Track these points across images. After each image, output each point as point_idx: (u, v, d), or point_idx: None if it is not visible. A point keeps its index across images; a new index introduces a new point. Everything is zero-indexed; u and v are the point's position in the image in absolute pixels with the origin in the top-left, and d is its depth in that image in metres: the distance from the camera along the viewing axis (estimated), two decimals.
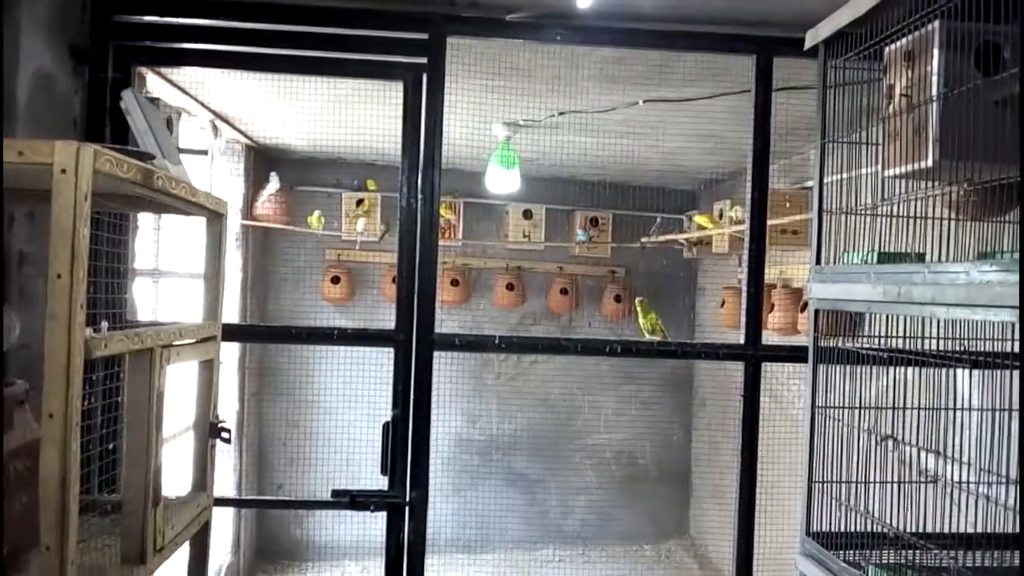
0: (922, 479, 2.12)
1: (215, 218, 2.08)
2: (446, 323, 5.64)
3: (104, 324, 1.43)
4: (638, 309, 3.44)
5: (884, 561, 2.03)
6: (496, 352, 5.63)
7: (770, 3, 2.63)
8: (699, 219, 5.24)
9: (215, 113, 4.48)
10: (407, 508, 2.84)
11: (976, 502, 1.91)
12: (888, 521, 2.06)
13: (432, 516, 2.91)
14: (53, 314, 1.24)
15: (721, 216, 5.02)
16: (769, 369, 3.03)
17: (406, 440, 2.85)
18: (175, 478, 2.09)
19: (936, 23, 1.91)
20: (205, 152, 4.56)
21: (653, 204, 5.79)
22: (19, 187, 1.64)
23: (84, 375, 1.34)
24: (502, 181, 4.54)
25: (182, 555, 2.04)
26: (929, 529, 2.01)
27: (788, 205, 4.16)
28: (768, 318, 4.42)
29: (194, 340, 1.90)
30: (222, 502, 3.21)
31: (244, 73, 3.42)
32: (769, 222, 2.97)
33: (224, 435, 2.03)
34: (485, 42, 2.93)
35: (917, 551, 1.93)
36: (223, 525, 5.22)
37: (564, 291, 6.20)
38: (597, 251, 6.07)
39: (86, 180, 1.26)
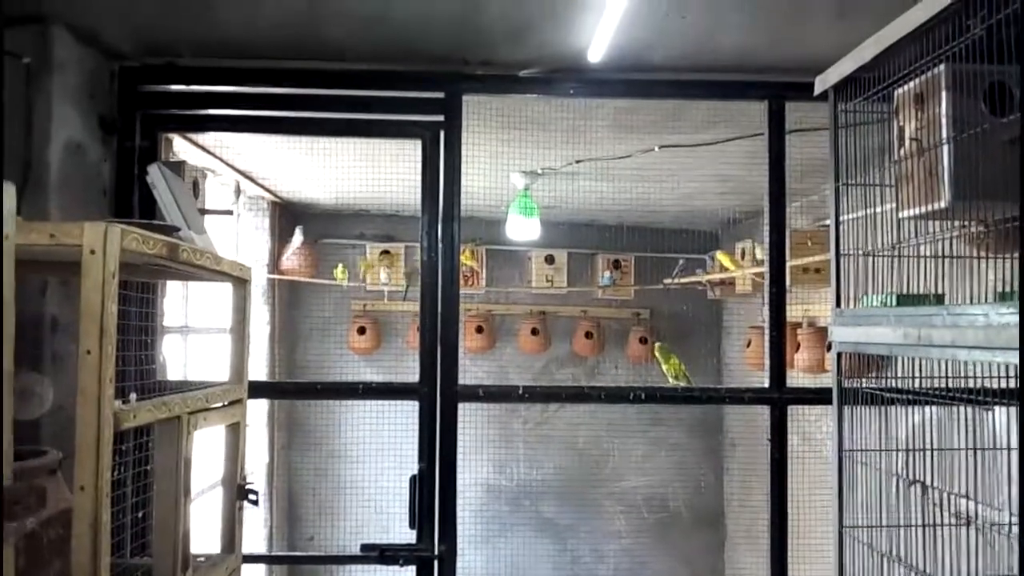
0: (954, 522, 2.08)
1: (239, 284, 2.13)
2: (472, 370, 5.66)
3: (133, 396, 1.47)
4: (658, 356, 3.42)
5: None
6: (520, 402, 5.63)
7: (779, 50, 2.66)
8: (721, 258, 5.23)
9: (240, 172, 4.58)
10: (436, 561, 2.84)
11: (1013, 544, 1.88)
12: (922, 567, 2.03)
13: (462, 565, 2.90)
14: (83, 390, 1.28)
15: (743, 256, 5.01)
16: (798, 409, 3.01)
17: (433, 492, 2.86)
18: (205, 536, 2.11)
19: (943, 66, 1.93)
20: (230, 212, 4.65)
21: (675, 246, 5.80)
22: (51, 260, 1.70)
23: (115, 444, 1.37)
24: (522, 228, 4.58)
25: None
26: (964, 572, 1.97)
27: (810, 244, 4.14)
28: (795, 358, 4.39)
29: (221, 403, 1.93)
30: (252, 559, 3.22)
31: (267, 135, 3.51)
32: (791, 262, 2.97)
33: (252, 497, 2.05)
34: (500, 98, 2.99)
35: None
36: None
37: (589, 335, 6.20)
38: (620, 294, 6.08)
39: (114, 259, 1.31)
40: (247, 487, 2.04)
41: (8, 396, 1.08)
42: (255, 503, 2.06)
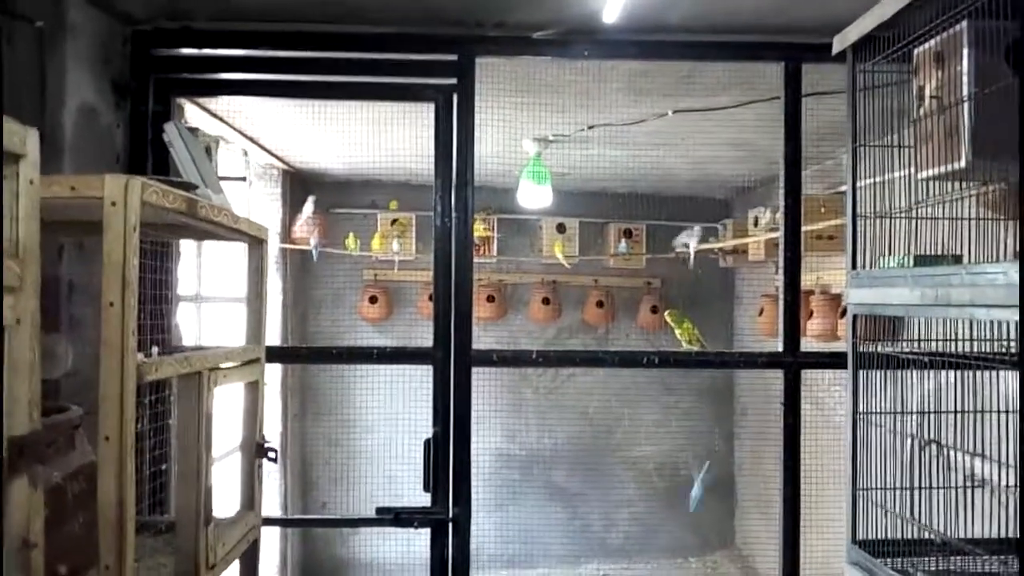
0: (969, 484, 2.09)
1: (256, 243, 2.13)
2: (483, 339, 5.62)
3: (155, 349, 1.49)
4: (670, 322, 3.41)
5: (933, 567, 2.00)
6: (534, 367, 5.64)
7: (796, 10, 2.63)
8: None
9: (252, 140, 4.58)
10: (450, 524, 2.87)
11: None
12: (936, 527, 2.03)
13: (474, 532, 2.92)
14: (107, 341, 1.30)
15: (756, 223, 4.99)
16: (810, 376, 3.01)
17: (447, 456, 2.88)
18: (224, 497, 2.14)
19: (964, 23, 1.90)
20: (243, 179, 4.65)
21: (686, 214, 5.77)
22: (68, 219, 1.70)
23: (136, 398, 1.39)
24: (534, 196, 4.56)
25: (232, 573, 2.08)
26: (977, 534, 1.98)
27: (823, 210, 4.12)
28: (807, 325, 4.38)
29: (239, 362, 1.95)
30: (269, 521, 3.26)
31: (280, 100, 3.50)
32: (804, 228, 2.95)
33: (270, 455, 2.07)
34: (513, 61, 2.97)
35: (966, 556, 1.91)
36: (270, 544, 5.28)
37: (600, 303, 6.20)
38: (632, 262, 6.06)
39: (135, 212, 1.32)
40: (265, 445, 2.06)
41: (36, 343, 1.09)
42: (274, 460, 2.08)
